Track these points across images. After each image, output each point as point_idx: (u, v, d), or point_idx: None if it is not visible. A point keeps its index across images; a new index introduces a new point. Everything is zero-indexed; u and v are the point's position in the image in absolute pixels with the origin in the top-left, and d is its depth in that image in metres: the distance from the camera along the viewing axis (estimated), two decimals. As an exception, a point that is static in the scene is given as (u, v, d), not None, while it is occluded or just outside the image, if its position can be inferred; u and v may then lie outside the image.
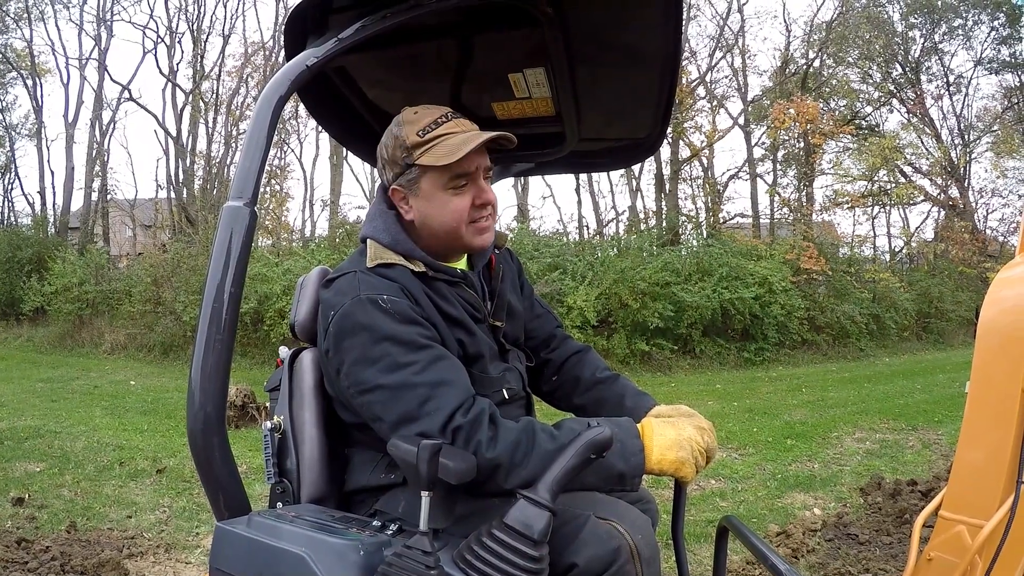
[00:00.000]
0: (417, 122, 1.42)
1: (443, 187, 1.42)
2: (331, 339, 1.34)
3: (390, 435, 1.24)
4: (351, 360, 1.31)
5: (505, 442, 1.23)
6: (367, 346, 1.29)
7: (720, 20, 19.35)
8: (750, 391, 9.15)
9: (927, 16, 20.23)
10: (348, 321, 1.31)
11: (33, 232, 18.91)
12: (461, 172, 1.41)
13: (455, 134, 1.40)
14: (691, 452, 1.32)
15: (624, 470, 1.27)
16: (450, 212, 1.43)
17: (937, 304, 15.84)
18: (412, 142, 1.40)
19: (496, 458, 1.22)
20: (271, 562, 1.16)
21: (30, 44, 20.94)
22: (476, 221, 1.46)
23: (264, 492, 4.01)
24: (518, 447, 1.23)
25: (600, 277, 12.46)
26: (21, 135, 22.68)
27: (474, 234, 1.47)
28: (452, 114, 1.44)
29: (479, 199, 1.45)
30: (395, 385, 1.26)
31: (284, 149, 21.53)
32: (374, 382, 1.28)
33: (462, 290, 1.49)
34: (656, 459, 1.30)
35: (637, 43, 1.59)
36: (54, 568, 3.31)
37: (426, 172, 1.42)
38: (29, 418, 7.04)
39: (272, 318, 11.83)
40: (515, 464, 1.22)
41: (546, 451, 1.23)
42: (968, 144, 20.73)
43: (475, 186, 1.44)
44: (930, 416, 7.02)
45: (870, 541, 3.67)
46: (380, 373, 1.27)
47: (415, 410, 1.24)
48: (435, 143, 1.39)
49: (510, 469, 1.22)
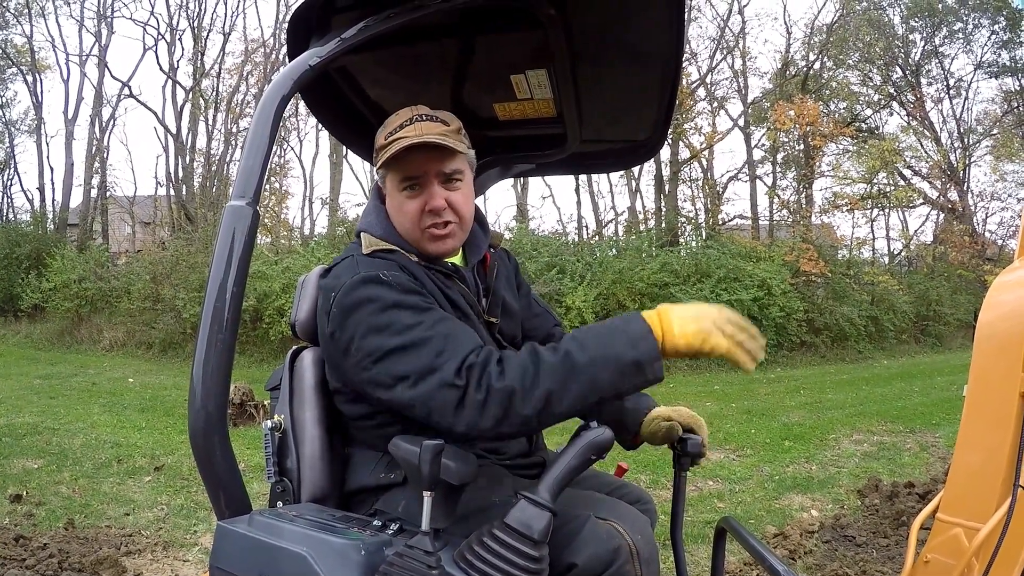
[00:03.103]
0: (389, 124, 1.46)
1: (398, 189, 1.47)
2: (335, 319, 1.34)
3: (410, 391, 1.24)
4: (360, 333, 1.30)
5: (512, 369, 1.22)
6: (374, 316, 1.29)
7: (721, 22, 19.38)
8: (748, 393, 9.16)
9: (927, 19, 20.26)
10: (351, 298, 1.32)
11: (32, 228, 18.88)
12: (409, 175, 1.45)
13: (408, 137, 1.41)
14: (713, 323, 1.23)
15: (636, 356, 1.20)
16: (404, 214, 1.47)
17: (935, 307, 15.87)
18: (379, 144, 1.46)
19: (508, 386, 1.20)
20: (272, 561, 1.17)
21: (30, 40, 20.93)
22: (429, 228, 1.47)
23: (263, 491, 4.02)
24: (526, 371, 1.21)
25: (599, 277, 12.47)
26: (21, 131, 22.65)
27: (429, 240, 1.48)
28: (421, 117, 1.45)
29: (429, 204, 1.45)
30: (409, 343, 1.26)
31: (284, 147, 21.54)
32: (388, 346, 1.27)
33: (455, 283, 1.51)
34: (678, 333, 1.22)
35: (639, 45, 1.60)
36: (52, 565, 3.31)
37: (387, 172, 1.48)
38: (27, 415, 7.04)
39: (271, 316, 11.83)
40: (526, 387, 1.20)
41: (551, 365, 1.21)
42: (967, 147, 20.76)
43: (426, 192, 1.45)
44: (928, 419, 7.03)
45: (867, 543, 3.68)
46: (392, 336, 1.27)
47: (432, 361, 1.24)
48: (391, 145, 1.42)
49: (524, 393, 1.20)
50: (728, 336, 1.24)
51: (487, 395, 1.20)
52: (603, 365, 1.20)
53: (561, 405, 1.20)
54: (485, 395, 1.20)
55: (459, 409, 1.21)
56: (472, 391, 1.21)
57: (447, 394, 1.22)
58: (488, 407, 1.20)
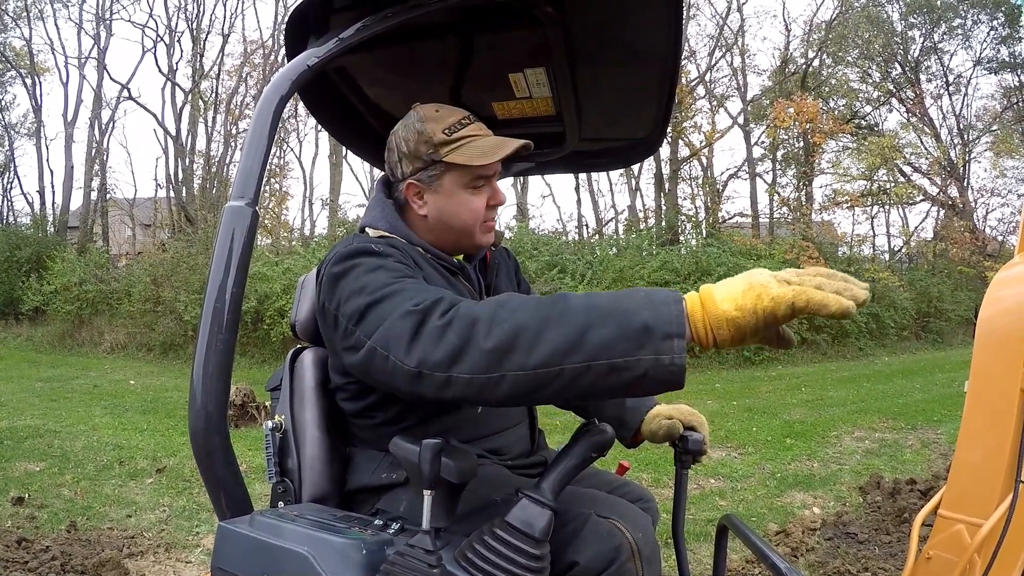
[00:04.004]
0: (442, 120, 1.45)
1: (464, 186, 1.47)
2: (325, 289, 1.29)
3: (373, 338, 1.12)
4: (345, 297, 1.22)
5: (488, 302, 1.07)
6: (357, 279, 1.23)
7: (720, 19, 19.39)
8: (749, 390, 9.16)
9: (926, 16, 20.25)
10: (339, 266, 1.29)
11: (32, 231, 18.91)
12: (484, 174, 1.46)
13: (482, 136, 1.45)
14: (771, 276, 0.96)
15: (649, 319, 0.94)
16: (469, 211, 1.48)
17: (936, 303, 15.86)
18: (439, 139, 1.43)
19: (474, 312, 1.04)
20: (274, 561, 1.17)
21: (29, 43, 20.95)
22: (487, 220, 1.51)
23: (263, 492, 4.02)
24: (502, 304, 1.04)
25: (599, 276, 12.48)
26: (20, 134, 22.69)
27: (483, 232, 1.52)
28: (472, 117, 1.49)
29: (494, 200, 1.51)
30: (390, 293, 1.15)
31: (283, 148, 21.54)
32: (368, 300, 1.16)
33: (458, 280, 1.51)
34: (721, 298, 0.95)
35: (638, 42, 1.59)
36: (54, 568, 3.32)
37: (450, 170, 1.45)
38: (29, 418, 7.04)
39: (272, 317, 11.83)
40: (495, 318, 1.02)
41: (535, 302, 1.03)
42: (967, 144, 20.75)
43: (491, 187, 1.50)
44: (929, 415, 7.03)
45: (869, 540, 3.68)
46: (373, 292, 1.17)
47: (402, 303, 1.11)
48: (464, 143, 1.43)
49: (490, 323, 1.01)
50: (795, 284, 0.93)
51: (448, 322, 1.04)
52: (600, 318, 0.95)
53: (530, 353, 0.97)
54: (447, 322, 1.04)
55: (414, 340, 1.05)
56: (434, 318, 1.05)
57: (404, 322, 1.07)
58: (446, 335, 1.02)
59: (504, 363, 0.99)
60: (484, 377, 1.00)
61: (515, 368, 0.98)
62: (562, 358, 0.96)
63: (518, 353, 0.98)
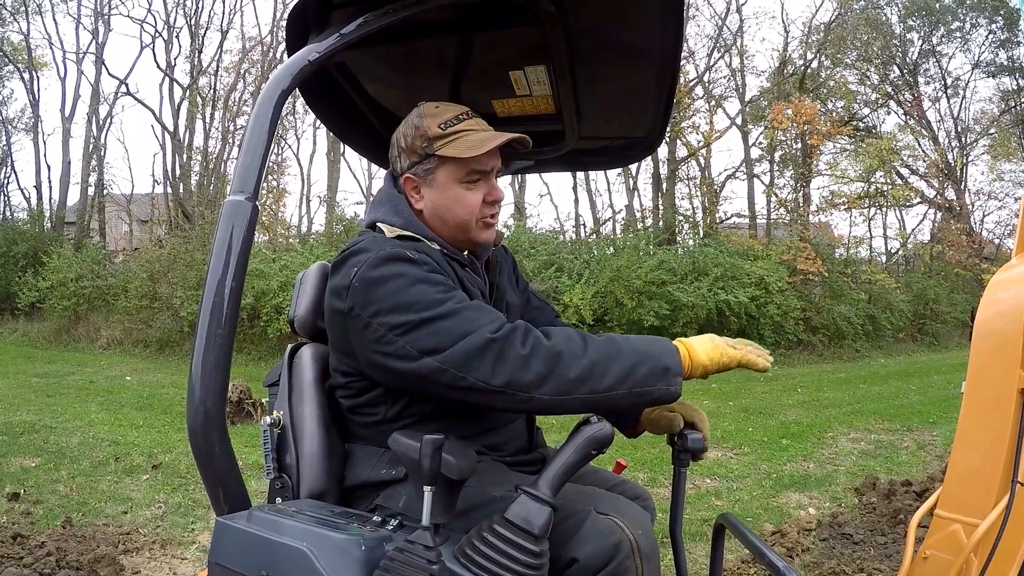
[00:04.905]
0: (439, 115, 1.46)
1: (458, 180, 1.47)
2: (356, 293, 1.31)
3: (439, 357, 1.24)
4: (385, 308, 1.28)
5: (558, 335, 1.28)
6: (402, 291, 1.29)
7: (719, 20, 19.37)
8: (746, 391, 9.17)
9: (925, 18, 20.29)
10: (376, 272, 1.31)
11: (29, 227, 18.85)
12: (478, 168, 1.46)
13: (476, 131, 1.46)
14: (724, 342, 1.38)
15: (669, 363, 1.29)
16: (463, 206, 1.48)
17: (933, 306, 15.91)
18: (434, 133, 1.44)
19: (555, 346, 1.25)
20: (272, 557, 1.16)
21: (27, 37, 20.86)
22: (484, 217, 1.51)
23: (261, 489, 4.01)
24: (571, 339, 1.28)
25: (596, 275, 12.48)
26: (17, 129, 22.57)
27: (481, 229, 1.52)
28: (471, 113, 1.49)
29: (491, 196, 1.50)
30: (438, 315, 1.26)
31: (281, 145, 21.50)
32: (418, 318, 1.26)
33: (470, 275, 1.52)
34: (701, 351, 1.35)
35: (638, 42, 1.59)
36: (50, 564, 3.30)
37: (444, 164, 1.46)
38: (24, 413, 7.02)
39: (269, 314, 11.81)
40: (574, 352, 1.25)
41: (597, 341, 1.29)
42: (965, 147, 20.81)
43: (488, 183, 1.50)
44: (925, 417, 7.05)
45: (864, 541, 3.69)
46: (422, 310, 1.27)
47: (467, 327, 1.25)
48: (457, 137, 1.44)
49: (571, 357, 1.24)
50: (739, 348, 1.38)
51: (532, 351, 1.23)
52: (642, 358, 1.27)
53: (601, 381, 1.24)
54: (530, 351, 1.23)
55: (500, 362, 1.22)
56: (517, 346, 1.23)
57: (486, 349, 1.23)
58: (532, 362, 1.22)
59: (581, 388, 1.24)
60: (562, 398, 1.25)
61: (587, 392, 1.25)
62: (619, 385, 1.26)
63: (591, 381, 1.25)
